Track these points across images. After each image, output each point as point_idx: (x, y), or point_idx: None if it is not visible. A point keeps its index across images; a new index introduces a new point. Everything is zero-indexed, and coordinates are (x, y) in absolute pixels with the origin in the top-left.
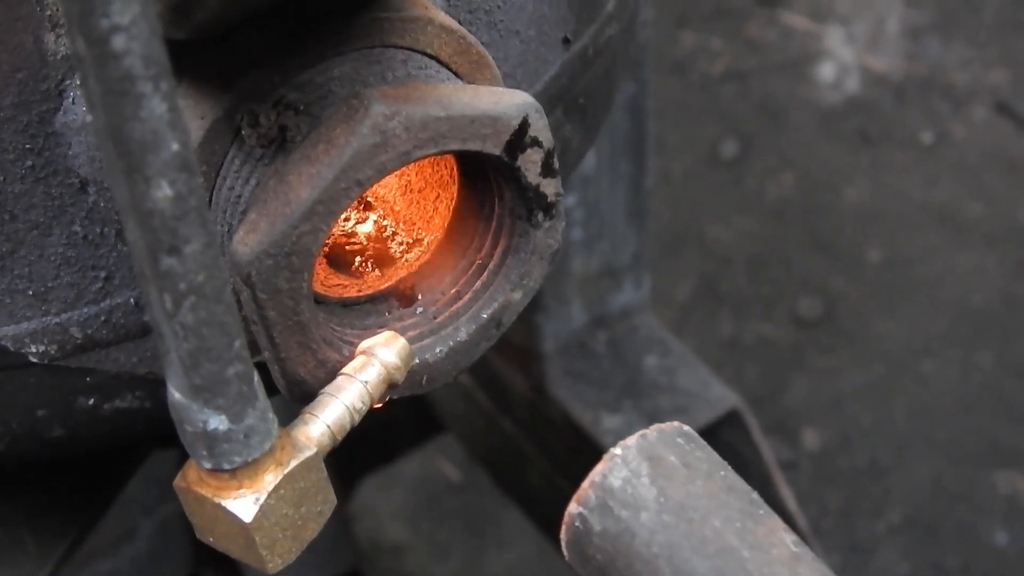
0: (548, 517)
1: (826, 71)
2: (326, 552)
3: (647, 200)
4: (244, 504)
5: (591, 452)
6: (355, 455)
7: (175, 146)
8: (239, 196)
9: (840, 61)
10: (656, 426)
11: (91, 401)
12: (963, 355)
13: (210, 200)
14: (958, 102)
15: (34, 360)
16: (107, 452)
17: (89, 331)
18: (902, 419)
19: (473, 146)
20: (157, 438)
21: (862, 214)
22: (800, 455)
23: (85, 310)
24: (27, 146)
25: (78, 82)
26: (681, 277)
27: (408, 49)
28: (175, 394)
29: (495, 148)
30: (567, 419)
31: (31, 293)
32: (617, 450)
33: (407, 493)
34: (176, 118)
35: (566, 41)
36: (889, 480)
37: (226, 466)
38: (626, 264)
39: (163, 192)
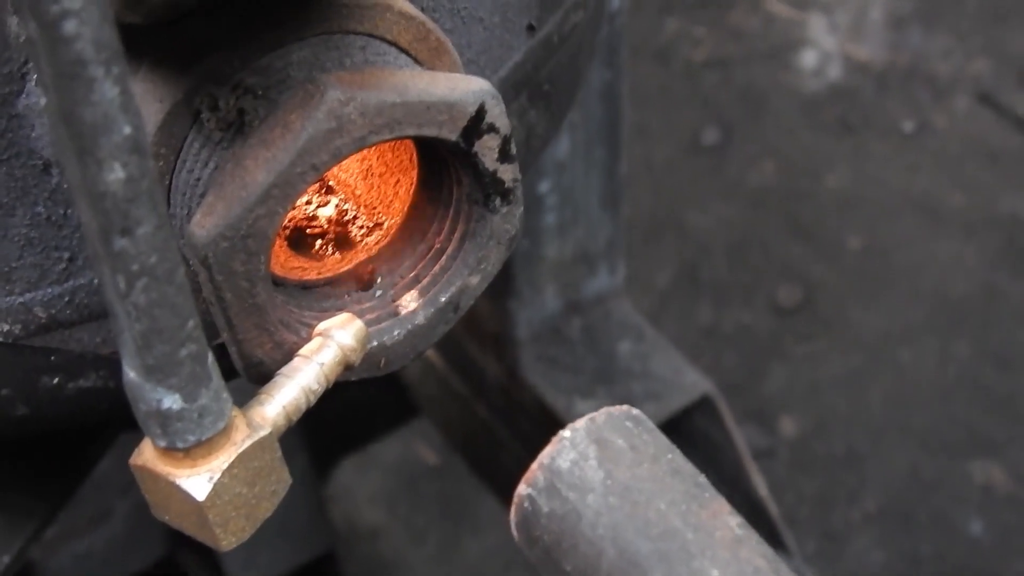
0: None
1: (808, 59)
2: (302, 535)
3: (622, 186)
4: (198, 482)
5: None
6: (332, 437)
7: (127, 129)
8: (198, 179)
9: (823, 49)
10: (605, 409)
11: (55, 380)
12: (941, 344)
13: (169, 183)
14: (940, 91)
15: None
16: (75, 433)
17: (53, 311)
18: (879, 407)
19: (429, 132)
20: (121, 418)
21: (842, 202)
22: (777, 442)
23: (49, 290)
24: None
25: None
26: (661, 264)
27: (367, 35)
28: (129, 373)
29: (451, 134)
30: (540, 404)
31: None
32: (566, 432)
33: (384, 476)
34: (128, 101)
35: (530, 28)
36: (865, 468)
37: (180, 445)
38: (600, 250)
39: (115, 175)
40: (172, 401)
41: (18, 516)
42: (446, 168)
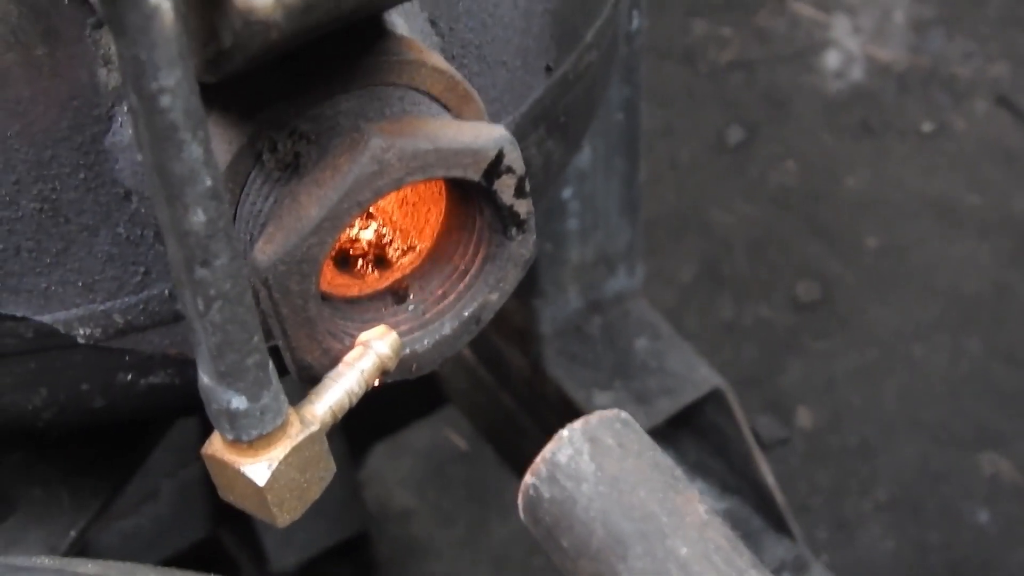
0: None
1: (832, 61)
2: (337, 516)
3: (640, 194)
4: (259, 469)
5: None
6: (365, 424)
7: (208, 180)
8: (259, 211)
9: (846, 51)
10: (598, 412)
11: (129, 377)
12: (953, 341)
13: (235, 212)
14: (959, 94)
15: (81, 341)
16: (135, 423)
17: (129, 317)
18: (892, 401)
19: (456, 173)
20: (184, 410)
21: (861, 202)
22: (793, 433)
23: (126, 299)
24: (80, 162)
25: (125, 110)
26: (684, 260)
27: (405, 87)
28: (204, 378)
29: (475, 175)
30: (562, 396)
31: (80, 284)
32: (565, 432)
33: (415, 461)
34: (210, 158)
35: (548, 69)
36: (877, 459)
37: (244, 438)
38: (620, 253)
39: (198, 217)
40: (239, 401)
41: (84, 495)
42: (470, 201)
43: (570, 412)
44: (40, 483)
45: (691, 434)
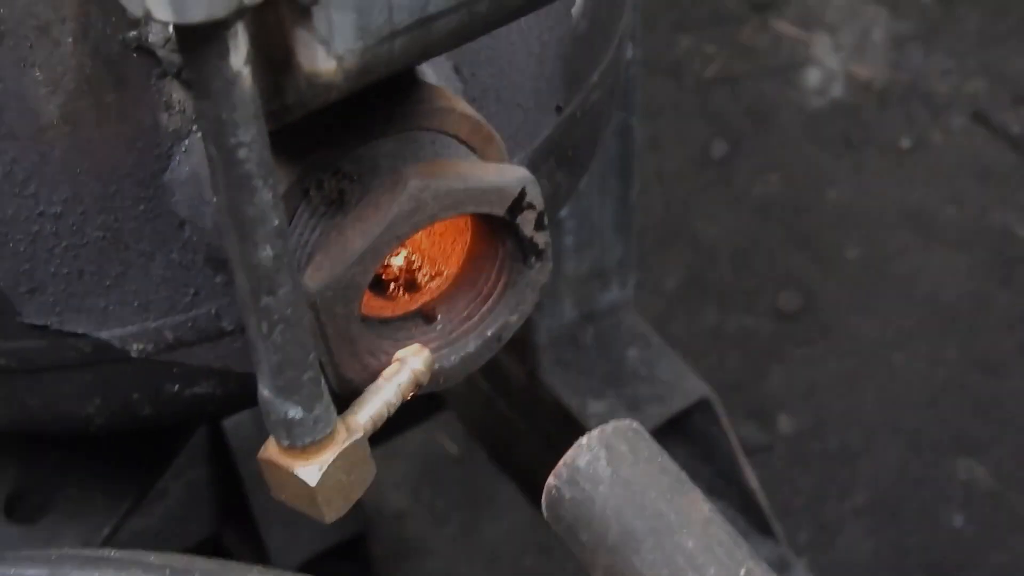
0: (538, 490)
1: (813, 77)
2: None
3: (633, 212)
4: (311, 472)
5: (577, 433)
6: None
7: (276, 221)
8: (307, 242)
9: (827, 68)
10: (613, 422)
11: (176, 387)
12: (931, 349)
13: None
14: (937, 110)
15: (134, 355)
16: (167, 427)
17: (179, 334)
18: (872, 408)
19: (484, 209)
20: (221, 416)
21: (842, 214)
22: (775, 439)
23: (176, 317)
24: (141, 195)
25: (183, 150)
26: (670, 269)
27: (435, 131)
28: (264, 391)
29: (500, 211)
30: (557, 403)
31: (136, 304)
32: (584, 439)
33: (409, 464)
34: (277, 201)
35: (558, 108)
36: (857, 464)
37: (299, 444)
38: (613, 267)
39: (266, 252)
40: (295, 412)
41: (116, 494)
42: (494, 233)
43: (565, 418)
44: (75, 483)
45: (680, 440)
